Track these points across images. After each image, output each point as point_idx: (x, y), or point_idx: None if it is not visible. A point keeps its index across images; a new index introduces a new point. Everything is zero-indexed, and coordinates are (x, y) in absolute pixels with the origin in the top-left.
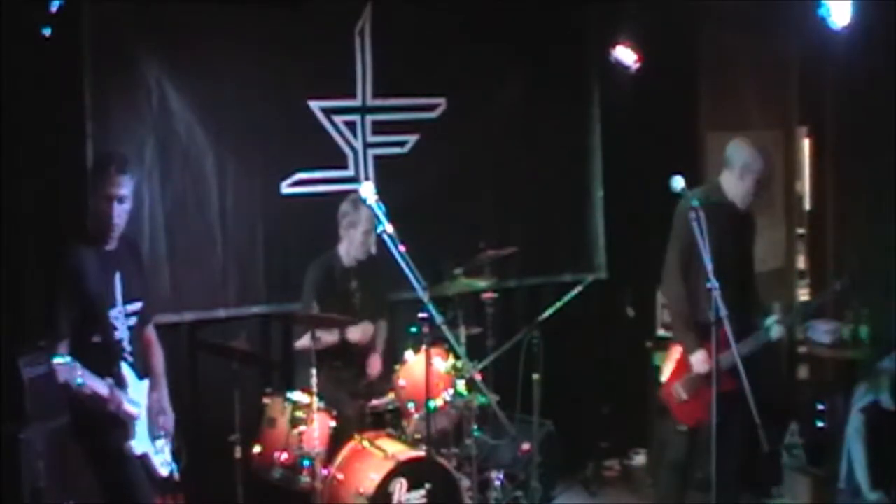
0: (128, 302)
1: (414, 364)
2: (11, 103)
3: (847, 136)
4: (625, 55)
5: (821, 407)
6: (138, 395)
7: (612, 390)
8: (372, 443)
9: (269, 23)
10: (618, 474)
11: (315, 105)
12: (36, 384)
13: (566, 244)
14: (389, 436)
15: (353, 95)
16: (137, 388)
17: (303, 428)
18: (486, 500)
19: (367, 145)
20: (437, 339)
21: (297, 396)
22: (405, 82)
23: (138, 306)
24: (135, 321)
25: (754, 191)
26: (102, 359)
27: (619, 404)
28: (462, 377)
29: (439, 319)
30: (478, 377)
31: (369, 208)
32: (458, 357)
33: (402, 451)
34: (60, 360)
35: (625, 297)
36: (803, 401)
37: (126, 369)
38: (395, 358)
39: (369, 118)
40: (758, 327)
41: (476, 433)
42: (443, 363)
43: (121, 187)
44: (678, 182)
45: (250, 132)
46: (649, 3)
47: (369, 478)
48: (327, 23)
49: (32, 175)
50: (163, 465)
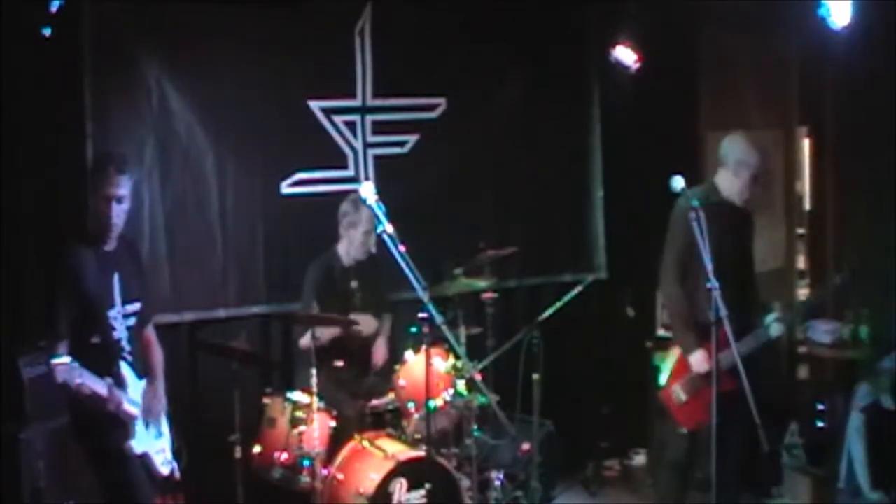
0: (126, 302)
1: (414, 364)
2: (11, 103)
3: (847, 136)
4: (625, 55)
5: (821, 407)
6: (138, 395)
7: (612, 390)
8: (372, 443)
9: (269, 23)
10: (618, 474)
11: (315, 105)
12: (36, 384)
13: (566, 244)
14: (389, 436)
15: (353, 95)
16: (137, 388)
17: (303, 428)
18: (486, 500)
19: (367, 145)
20: (437, 339)
21: (297, 396)
22: (405, 82)
23: (137, 306)
24: (133, 321)
25: (751, 186)
26: (102, 359)
27: (619, 404)
28: (462, 377)
29: (439, 319)
30: (478, 377)
31: (369, 208)
32: (458, 357)
33: (402, 451)
34: (59, 361)
35: (625, 297)
36: (803, 401)
37: (125, 369)
38: (396, 358)
39: (369, 118)
40: (758, 326)
41: (476, 433)
42: (443, 363)
43: (119, 187)
44: (678, 182)
45: (250, 132)
46: (649, 3)
47: (369, 478)
48: (327, 23)
49: (32, 175)
50: (163, 464)
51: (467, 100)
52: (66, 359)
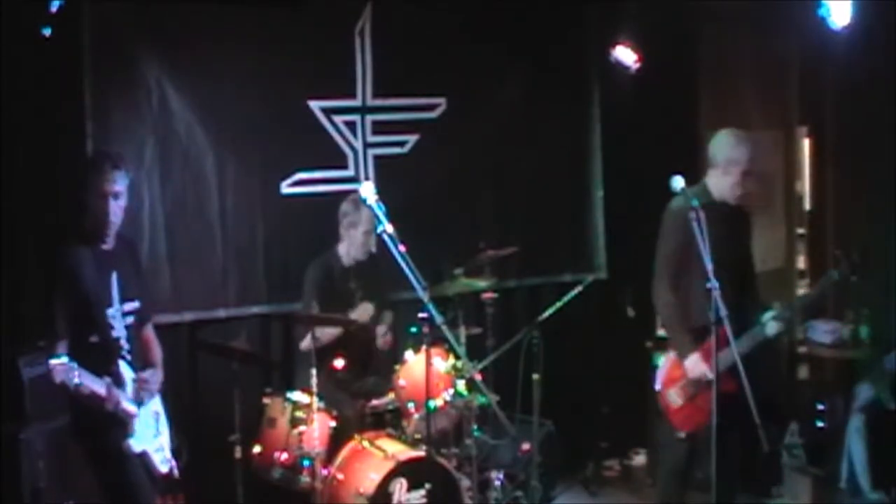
0: (125, 301)
1: (414, 364)
2: (11, 103)
3: (847, 136)
4: (625, 55)
5: (821, 407)
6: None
7: (612, 390)
8: (372, 443)
9: (269, 23)
10: (618, 474)
11: (315, 105)
12: (36, 384)
13: (566, 244)
14: (389, 436)
15: (353, 95)
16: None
17: (303, 428)
18: (486, 500)
19: (367, 145)
20: (437, 339)
21: (297, 396)
22: (405, 82)
23: (136, 305)
24: (132, 320)
25: (743, 183)
26: (101, 358)
27: (619, 404)
28: (462, 377)
29: (439, 319)
30: (478, 377)
31: (369, 208)
32: (458, 357)
33: (402, 451)
34: (57, 361)
35: (625, 297)
36: (803, 401)
37: (124, 368)
38: (396, 358)
39: (369, 118)
40: (754, 326)
41: (476, 433)
42: (443, 363)
43: (115, 183)
44: (678, 182)
45: (250, 132)
46: (649, 3)
47: (369, 478)
48: (327, 23)
49: (32, 175)
50: (162, 462)
51: (467, 100)
52: (63, 359)
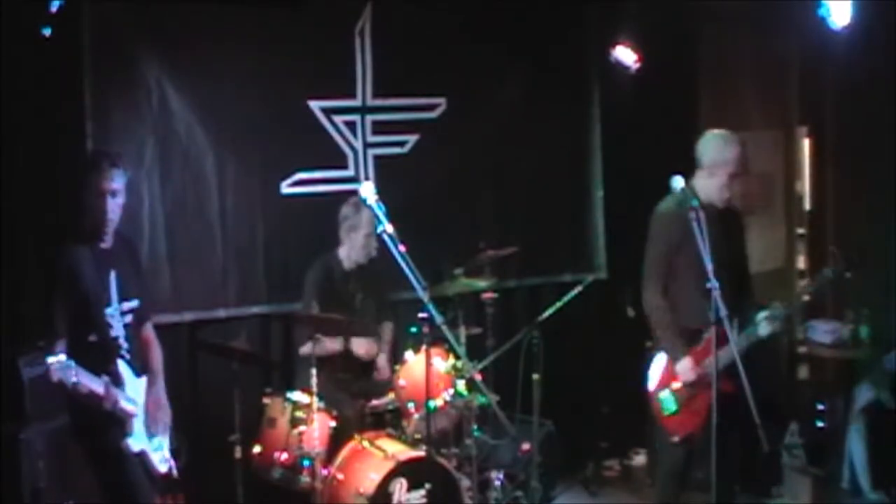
0: (123, 300)
1: (414, 364)
2: (11, 103)
3: (847, 136)
4: (625, 55)
5: (821, 407)
6: (135, 393)
7: (612, 390)
8: (372, 443)
9: (269, 23)
10: (618, 474)
11: (315, 105)
12: (36, 384)
13: (566, 244)
14: (389, 436)
15: (353, 95)
16: (135, 386)
17: (303, 428)
18: (486, 500)
19: (367, 145)
20: (437, 339)
21: (297, 396)
22: (405, 82)
23: (134, 304)
24: (131, 319)
25: (730, 186)
26: (99, 357)
27: (619, 404)
28: (462, 377)
29: (439, 319)
30: (478, 377)
31: (369, 208)
32: (458, 357)
33: (402, 451)
34: (54, 359)
35: (625, 297)
36: (803, 401)
37: (123, 367)
38: (396, 358)
39: (369, 118)
40: (748, 326)
41: (476, 433)
42: (443, 363)
43: (113, 181)
44: (678, 182)
45: (250, 132)
46: (649, 3)
47: (369, 478)
48: (327, 23)
49: (32, 175)
50: (161, 462)
51: (467, 100)
52: (61, 357)
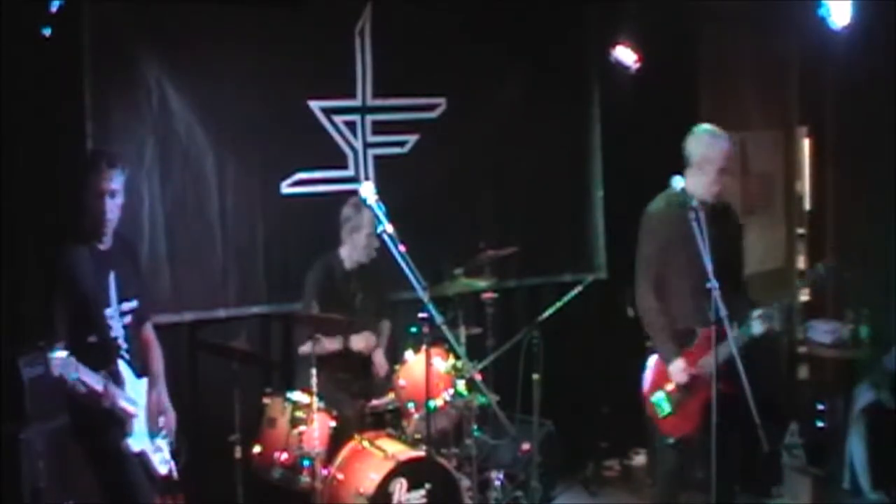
0: (123, 300)
1: (414, 364)
2: (11, 103)
3: (847, 136)
4: (625, 55)
5: (821, 407)
6: (136, 393)
7: (612, 390)
8: (372, 443)
9: (269, 23)
10: (618, 474)
11: (315, 105)
12: (36, 384)
13: (566, 244)
14: (389, 436)
15: (353, 95)
16: (135, 386)
17: (303, 428)
18: (486, 500)
19: (367, 145)
20: (437, 339)
21: (297, 396)
22: (405, 82)
23: (134, 304)
24: (130, 319)
25: (719, 181)
26: (99, 358)
27: (619, 404)
28: (462, 377)
29: (439, 319)
30: (478, 377)
31: (369, 208)
32: (458, 357)
33: (402, 451)
34: (57, 354)
35: (625, 297)
36: (803, 401)
37: (123, 367)
38: (395, 358)
39: (369, 118)
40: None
41: (476, 433)
42: (443, 363)
43: (112, 181)
44: (678, 182)
45: (250, 132)
46: (649, 3)
47: (369, 478)
48: (327, 23)
49: (32, 175)
50: (161, 462)
51: (467, 100)
52: (63, 352)
